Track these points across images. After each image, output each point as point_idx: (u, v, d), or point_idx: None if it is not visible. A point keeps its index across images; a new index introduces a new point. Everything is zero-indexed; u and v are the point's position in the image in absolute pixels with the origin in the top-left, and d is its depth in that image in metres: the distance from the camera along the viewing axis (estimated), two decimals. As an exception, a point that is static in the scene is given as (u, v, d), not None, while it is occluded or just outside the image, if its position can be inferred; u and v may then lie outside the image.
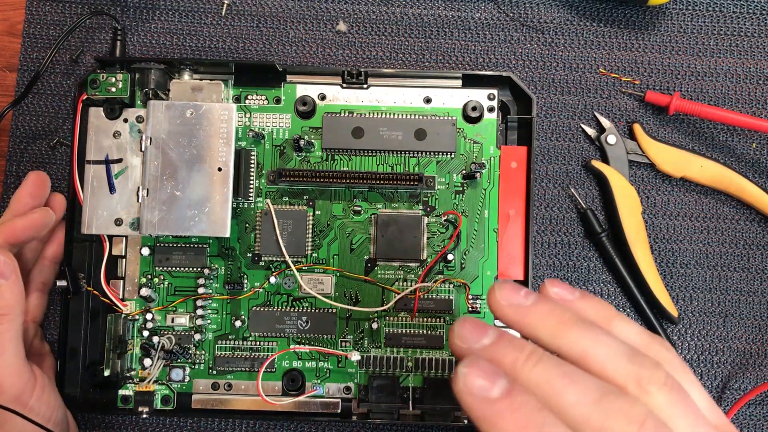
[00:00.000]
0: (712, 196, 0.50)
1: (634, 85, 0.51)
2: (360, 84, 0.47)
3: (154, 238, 0.46)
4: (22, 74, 0.51)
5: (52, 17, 0.51)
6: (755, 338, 0.49)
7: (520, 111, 0.47)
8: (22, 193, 0.45)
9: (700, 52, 0.51)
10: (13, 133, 0.50)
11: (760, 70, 0.51)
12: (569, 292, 0.28)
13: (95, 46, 0.51)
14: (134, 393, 0.46)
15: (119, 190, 0.44)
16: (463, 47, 0.51)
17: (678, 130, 0.50)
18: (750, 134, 0.51)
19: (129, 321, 0.46)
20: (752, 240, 0.50)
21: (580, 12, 0.51)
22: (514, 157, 0.47)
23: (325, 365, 0.46)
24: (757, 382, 0.49)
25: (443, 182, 0.47)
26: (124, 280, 0.46)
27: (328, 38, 0.51)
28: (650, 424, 0.23)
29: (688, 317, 0.49)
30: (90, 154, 0.44)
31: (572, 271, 0.49)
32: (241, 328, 0.47)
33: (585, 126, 0.50)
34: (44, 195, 0.46)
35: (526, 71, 0.51)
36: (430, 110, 0.47)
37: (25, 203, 0.45)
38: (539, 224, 0.50)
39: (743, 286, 0.49)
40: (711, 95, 0.51)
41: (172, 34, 0.51)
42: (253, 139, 0.47)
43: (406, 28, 0.51)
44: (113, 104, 0.45)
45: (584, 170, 0.50)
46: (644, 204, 0.49)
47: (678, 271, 0.49)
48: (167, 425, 0.48)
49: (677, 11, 0.51)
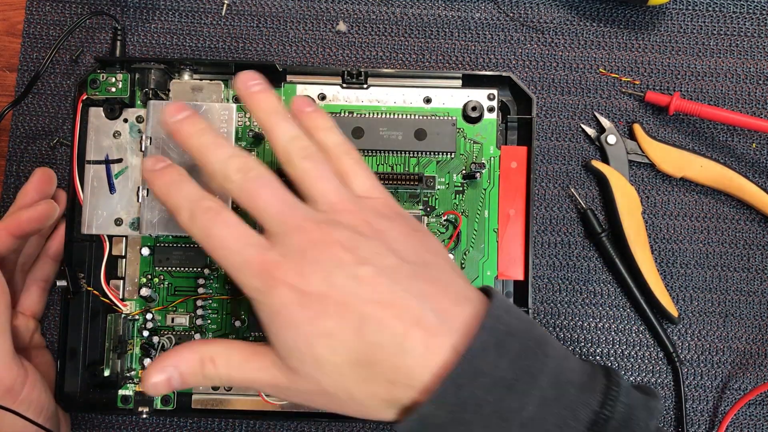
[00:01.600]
0: (712, 196, 0.50)
1: (634, 85, 0.51)
2: (360, 84, 0.47)
3: (154, 238, 0.46)
4: (22, 74, 0.51)
5: (52, 17, 0.51)
6: (755, 338, 0.49)
7: (520, 111, 0.47)
8: (28, 188, 0.46)
9: (700, 52, 0.51)
10: (13, 133, 0.50)
11: (760, 70, 0.51)
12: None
13: (95, 46, 0.51)
14: (134, 393, 0.46)
15: (119, 190, 0.44)
16: (463, 47, 0.51)
17: (678, 130, 0.50)
18: (750, 134, 0.51)
19: (129, 321, 0.46)
20: (752, 240, 0.50)
21: (580, 12, 0.51)
22: (514, 157, 0.47)
23: (325, 365, 0.46)
24: (757, 382, 0.49)
25: (443, 182, 0.47)
26: (124, 280, 0.46)
27: (328, 38, 0.51)
28: (251, 172, 0.34)
29: (688, 317, 0.49)
30: (90, 154, 0.45)
31: (572, 271, 0.49)
32: (241, 328, 0.47)
33: (585, 126, 0.50)
34: (50, 191, 0.47)
35: (526, 71, 0.51)
36: (430, 110, 0.47)
37: (31, 198, 0.46)
38: (539, 224, 0.50)
39: (743, 286, 0.49)
40: (711, 95, 0.51)
41: (172, 34, 0.51)
42: (253, 139, 0.47)
43: (406, 28, 0.51)
44: (113, 104, 0.45)
45: (584, 170, 0.50)
46: (644, 204, 0.49)
47: (678, 271, 0.49)
48: (167, 425, 0.48)
49: (677, 11, 0.51)
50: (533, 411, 0.30)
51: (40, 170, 0.47)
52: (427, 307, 0.31)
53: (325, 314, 0.31)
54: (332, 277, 0.31)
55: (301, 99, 0.39)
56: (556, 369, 0.31)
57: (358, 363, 0.31)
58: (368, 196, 0.36)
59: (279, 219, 0.33)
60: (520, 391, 0.30)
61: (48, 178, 0.47)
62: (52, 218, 0.45)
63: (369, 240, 0.33)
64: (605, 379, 0.32)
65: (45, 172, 0.47)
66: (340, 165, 0.36)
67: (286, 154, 0.35)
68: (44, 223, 0.45)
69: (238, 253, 0.32)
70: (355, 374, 0.31)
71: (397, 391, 0.31)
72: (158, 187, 0.36)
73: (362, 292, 0.31)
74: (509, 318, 0.32)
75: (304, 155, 0.35)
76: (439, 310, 0.32)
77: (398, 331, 0.31)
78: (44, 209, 0.44)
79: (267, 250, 0.32)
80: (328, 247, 0.32)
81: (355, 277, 0.31)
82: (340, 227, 0.33)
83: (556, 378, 0.31)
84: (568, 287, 0.49)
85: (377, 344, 0.31)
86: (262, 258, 0.32)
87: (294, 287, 0.31)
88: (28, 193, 0.46)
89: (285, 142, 0.35)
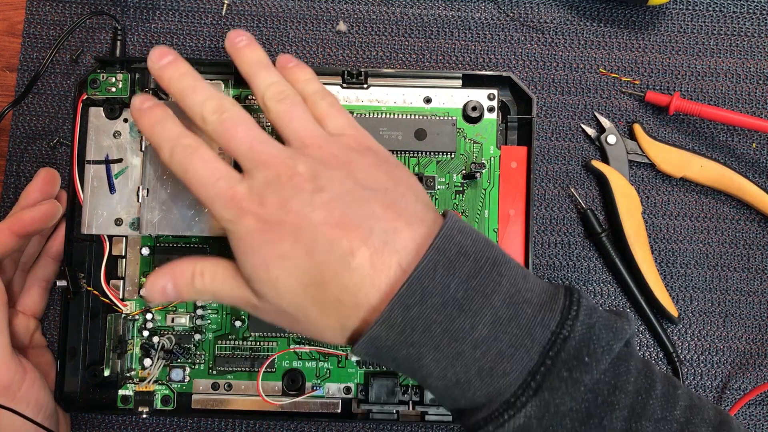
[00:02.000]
0: (712, 196, 0.50)
1: (634, 85, 0.51)
2: (360, 84, 0.47)
3: (154, 238, 0.46)
4: (22, 74, 0.51)
5: (52, 17, 0.51)
6: (755, 338, 0.49)
7: (520, 111, 0.47)
8: (31, 188, 0.46)
9: (700, 52, 0.51)
10: (13, 133, 0.50)
11: (760, 70, 0.51)
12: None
13: (95, 46, 0.51)
14: (134, 393, 0.46)
15: (119, 190, 0.44)
16: (463, 47, 0.51)
17: (678, 130, 0.50)
18: (750, 134, 0.51)
19: (129, 321, 0.46)
20: (752, 240, 0.50)
21: (580, 12, 0.51)
22: (514, 157, 0.47)
23: (325, 365, 0.46)
24: (757, 382, 0.49)
25: (443, 182, 0.47)
26: (124, 280, 0.46)
27: (328, 38, 0.51)
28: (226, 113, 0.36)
29: (688, 317, 0.49)
30: (90, 154, 0.44)
31: (572, 271, 0.49)
32: (241, 328, 0.47)
33: (585, 126, 0.50)
34: (53, 192, 0.47)
35: (526, 71, 0.51)
36: (430, 110, 0.47)
37: (35, 198, 0.46)
38: (539, 224, 0.50)
39: (743, 286, 0.49)
40: (711, 95, 0.51)
41: (172, 34, 0.51)
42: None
43: (406, 28, 0.51)
44: (113, 104, 0.45)
45: (584, 170, 0.50)
46: (644, 204, 0.49)
47: (678, 271, 0.49)
48: (167, 425, 0.48)
49: (677, 11, 0.51)
50: (486, 331, 0.31)
51: (44, 170, 0.47)
52: (376, 228, 0.32)
53: (281, 239, 0.33)
54: (289, 204, 0.33)
55: (284, 56, 0.41)
56: (511, 289, 0.31)
57: (312, 283, 0.32)
58: (341, 133, 0.37)
59: (249, 155, 0.35)
60: (472, 311, 0.31)
61: (52, 178, 0.47)
62: (55, 218, 0.45)
63: (331, 170, 0.34)
64: (566, 299, 0.32)
65: (49, 173, 0.47)
66: (317, 109, 0.38)
67: (263, 99, 0.37)
68: (47, 223, 0.45)
69: (211, 186, 0.35)
70: (309, 295, 0.33)
71: (347, 312, 0.32)
72: (144, 125, 0.38)
73: (315, 216, 0.33)
74: (463, 238, 0.32)
75: (280, 98, 0.37)
76: (389, 230, 0.32)
77: (345, 251, 0.32)
78: (47, 209, 0.44)
79: (237, 183, 0.34)
80: (290, 179, 0.33)
81: (310, 203, 0.33)
82: (305, 160, 0.34)
83: (510, 298, 0.31)
84: (568, 287, 0.49)
85: (326, 264, 0.32)
86: (233, 191, 0.34)
87: (256, 215, 0.33)
88: (31, 193, 0.46)
89: (264, 87, 0.37)
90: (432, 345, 0.31)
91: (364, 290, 0.32)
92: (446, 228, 0.32)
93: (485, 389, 0.31)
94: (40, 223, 0.44)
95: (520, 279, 0.32)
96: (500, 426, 0.30)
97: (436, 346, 0.31)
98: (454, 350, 0.31)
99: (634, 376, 0.31)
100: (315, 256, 0.32)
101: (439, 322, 0.31)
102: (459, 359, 0.31)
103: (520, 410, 0.30)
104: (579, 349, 0.30)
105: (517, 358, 0.30)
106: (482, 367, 0.30)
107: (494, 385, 0.30)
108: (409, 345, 0.31)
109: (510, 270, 0.32)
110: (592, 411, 0.30)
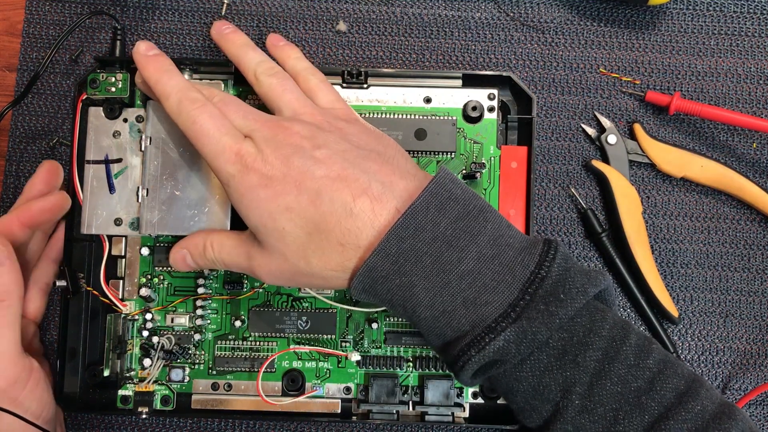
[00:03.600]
0: (712, 196, 0.50)
1: (635, 85, 0.51)
2: (360, 84, 0.47)
3: (154, 238, 0.46)
4: (22, 74, 0.51)
5: (52, 17, 0.51)
6: (756, 338, 0.49)
7: (521, 111, 0.47)
8: (35, 180, 0.46)
9: (701, 52, 0.51)
10: (12, 133, 0.50)
11: (760, 70, 0.51)
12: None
13: (95, 46, 0.51)
14: (134, 393, 0.46)
15: (119, 190, 0.44)
16: (463, 47, 0.51)
17: (678, 130, 0.50)
18: (750, 134, 0.51)
19: (129, 321, 0.46)
20: (752, 240, 0.50)
21: (580, 12, 0.51)
22: (515, 157, 0.47)
23: (325, 365, 0.46)
24: (757, 382, 0.49)
25: (443, 182, 0.47)
26: (123, 280, 0.46)
27: (328, 38, 0.51)
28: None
29: (688, 317, 0.49)
30: (90, 153, 0.44)
31: (572, 271, 0.49)
32: (241, 328, 0.47)
33: (585, 126, 0.50)
34: (57, 184, 0.46)
35: (526, 71, 0.51)
36: (430, 110, 0.47)
37: (39, 190, 0.46)
38: (539, 224, 0.50)
39: (744, 286, 0.49)
40: (711, 95, 0.51)
41: (172, 34, 0.51)
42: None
43: (406, 28, 0.51)
44: (113, 104, 0.45)
45: (584, 170, 0.50)
46: (644, 204, 0.49)
47: (678, 271, 0.49)
48: (167, 425, 0.48)
49: (677, 11, 0.51)
50: (471, 265, 0.34)
51: (48, 162, 0.47)
52: (374, 179, 0.36)
53: (285, 192, 0.36)
54: (291, 160, 0.36)
55: (274, 35, 0.45)
56: (495, 233, 0.35)
57: (316, 230, 0.35)
58: (332, 107, 0.41)
59: (244, 123, 0.38)
60: (459, 246, 0.34)
61: (55, 170, 0.47)
62: (64, 210, 0.45)
63: (326, 132, 0.38)
64: (545, 246, 0.35)
65: (52, 165, 0.47)
66: (306, 84, 0.42)
67: (254, 75, 0.41)
68: (56, 215, 0.44)
69: (217, 141, 0.37)
70: (312, 242, 0.36)
71: (348, 253, 0.35)
72: (150, 72, 0.40)
73: (317, 170, 0.36)
74: (454, 186, 0.36)
75: (270, 73, 0.41)
76: (385, 182, 0.36)
77: (348, 200, 0.35)
78: (57, 200, 0.44)
79: (242, 141, 0.37)
80: (289, 137, 0.37)
81: (311, 157, 0.36)
82: (302, 123, 0.38)
83: (494, 240, 0.35)
84: (568, 287, 0.49)
85: (330, 212, 0.35)
86: (238, 147, 0.37)
87: (259, 172, 0.36)
88: (35, 184, 0.46)
89: (254, 65, 0.41)
90: (422, 274, 0.34)
91: (365, 232, 0.35)
92: (439, 177, 0.35)
93: (469, 317, 0.34)
94: (50, 214, 0.44)
95: (504, 227, 0.36)
96: (481, 349, 0.33)
97: (426, 275, 0.34)
98: (441, 280, 0.34)
99: (609, 324, 0.35)
100: (319, 206, 0.35)
101: (429, 253, 0.34)
102: (446, 288, 0.34)
103: (500, 334, 0.32)
104: (555, 287, 0.33)
105: (499, 291, 0.34)
106: (467, 298, 0.34)
107: (477, 313, 0.33)
108: (402, 274, 0.34)
109: (495, 218, 0.36)
110: (567, 348, 0.34)
